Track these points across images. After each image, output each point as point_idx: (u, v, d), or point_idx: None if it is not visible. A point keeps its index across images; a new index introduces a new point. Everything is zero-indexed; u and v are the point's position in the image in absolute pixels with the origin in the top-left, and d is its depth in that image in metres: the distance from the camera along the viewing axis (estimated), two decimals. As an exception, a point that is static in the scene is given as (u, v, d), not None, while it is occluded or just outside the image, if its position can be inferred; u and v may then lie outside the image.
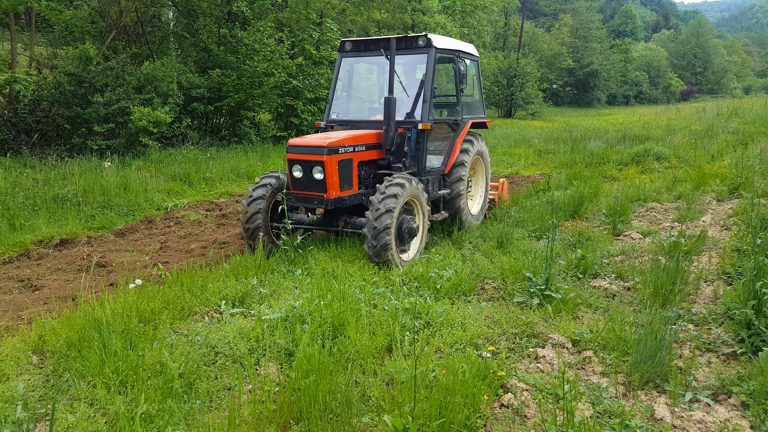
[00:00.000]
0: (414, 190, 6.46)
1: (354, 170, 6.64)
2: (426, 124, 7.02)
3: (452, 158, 7.81)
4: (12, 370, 3.94)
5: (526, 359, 4.24)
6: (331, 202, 6.33)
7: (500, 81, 41.17)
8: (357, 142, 6.68)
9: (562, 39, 58.99)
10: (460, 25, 27.49)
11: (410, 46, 7.29)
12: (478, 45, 34.50)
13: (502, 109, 43.08)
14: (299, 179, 6.47)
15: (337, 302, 4.74)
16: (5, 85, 11.32)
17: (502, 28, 53.27)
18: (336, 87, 7.96)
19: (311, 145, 6.30)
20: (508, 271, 5.89)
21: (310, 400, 3.39)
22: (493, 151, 19.39)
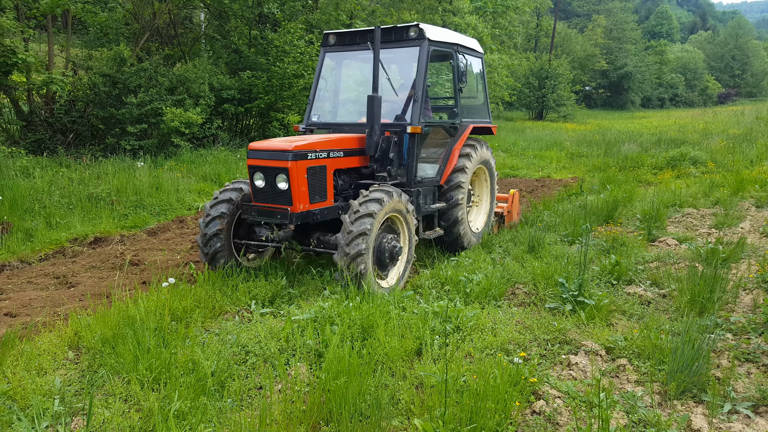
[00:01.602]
0: (396, 205, 5.62)
1: (328, 179, 5.73)
2: (416, 127, 6.10)
3: (449, 167, 6.86)
4: (49, 364, 4.04)
5: (558, 366, 4.16)
6: (297, 217, 5.38)
7: (531, 82, 40.77)
8: (333, 146, 5.82)
9: (595, 40, 58.04)
10: (492, 26, 27.28)
11: (400, 38, 6.36)
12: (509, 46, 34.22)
13: (533, 111, 42.64)
14: (261, 189, 5.54)
15: (366, 304, 4.74)
16: (42, 86, 11.67)
17: (533, 29, 52.68)
18: (318, 86, 7.05)
19: (274, 149, 5.41)
20: (539, 276, 5.80)
21: (339, 401, 3.38)
22: (523, 153, 19.20)
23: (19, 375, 3.76)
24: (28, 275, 6.58)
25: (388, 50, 6.49)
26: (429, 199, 6.72)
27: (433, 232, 6.79)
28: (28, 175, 9.85)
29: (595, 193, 10.91)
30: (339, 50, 6.93)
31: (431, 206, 6.70)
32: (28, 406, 3.46)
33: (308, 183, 5.46)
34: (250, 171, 5.54)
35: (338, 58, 7.14)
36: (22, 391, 3.58)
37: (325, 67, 7.08)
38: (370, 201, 5.34)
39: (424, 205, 6.53)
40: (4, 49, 10.55)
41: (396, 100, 6.60)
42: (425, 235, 6.60)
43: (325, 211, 5.70)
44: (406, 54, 6.57)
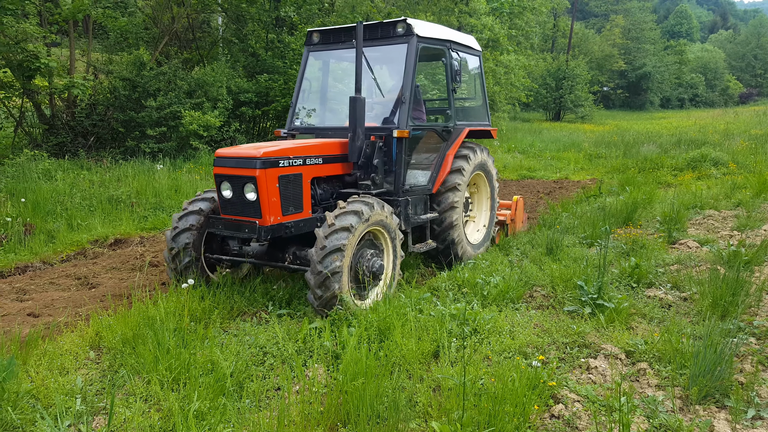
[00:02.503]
0: (378, 217, 5.09)
1: (304, 189, 5.26)
2: (403, 130, 5.66)
3: (442, 174, 6.35)
4: (71, 364, 4.10)
5: (578, 370, 4.12)
6: (267, 231, 4.87)
7: (548, 83, 40.50)
8: (310, 153, 5.35)
9: (613, 40, 57.46)
10: (508, 27, 27.13)
11: (387, 35, 5.90)
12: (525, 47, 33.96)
13: (550, 112, 42.35)
14: (229, 200, 5.08)
15: (382, 306, 4.74)
16: (64, 90, 11.87)
17: (550, 29, 52.34)
18: (301, 88, 6.60)
19: (242, 156, 4.96)
20: (558, 279, 5.75)
21: (357, 403, 3.39)
22: (541, 155, 19.08)
23: (42, 374, 3.82)
24: (51, 276, 6.69)
25: (375, 48, 6.08)
26: (419, 209, 6.19)
27: (423, 245, 6.25)
28: (50, 177, 10.02)
29: (614, 194, 10.80)
30: (324, 49, 6.50)
31: (421, 217, 6.15)
32: (50, 404, 3.51)
33: (280, 193, 4.97)
34: (216, 180, 5.09)
35: (323, 57, 6.68)
36: (45, 390, 3.64)
37: (309, 68, 6.64)
38: (347, 213, 4.83)
39: (413, 216, 6.02)
40: (28, 54, 10.76)
41: (385, 102, 6.23)
42: (415, 249, 6.09)
43: (300, 223, 5.19)
44: (394, 52, 6.05)
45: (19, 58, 10.76)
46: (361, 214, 4.87)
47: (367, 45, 5.90)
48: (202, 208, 5.45)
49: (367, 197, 5.17)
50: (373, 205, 5.03)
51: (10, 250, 7.29)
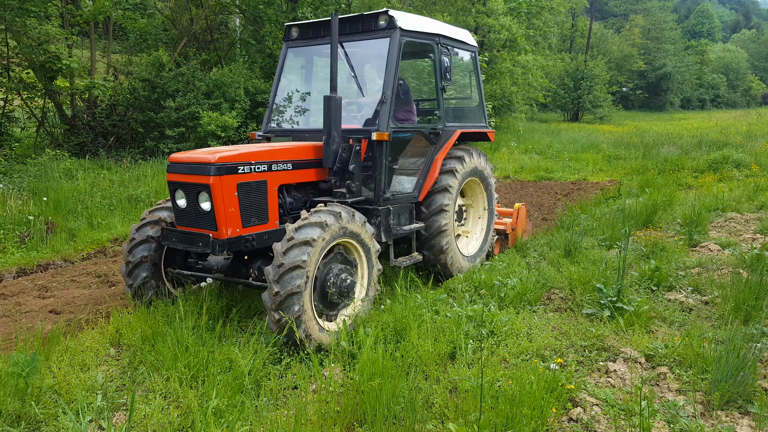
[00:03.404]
0: (347, 228, 4.58)
1: (270, 198, 4.79)
2: (382, 133, 5.18)
3: (429, 180, 5.86)
4: (92, 360, 4.17)
5: (596, 373, 4.08)
6: (223, 245, 4.41)
7: (567, 83, 40.19)
8: (277, 157, 4.88)
9: (632, 40, 56.82)
10: (526, 27, 26.96)
11: (369, 29, 5.46)
12: (543, 47, 33.75)
13: (568, 113, 42.03)
14: (183, 210, 4.63)
15: (398, 306, 4.73)
16: (85, 91, 12.06)
17: (569, 29, 51.89)
18: (279, 86, 6.15)
19: (195, 161, 4.50)
20: (576, 281, 5.69)
21: (374, 403, 3.39)
22: (559, 156, 18.92)
23: (63, 370, 3.89)
24: (72, 274, 6.79)
25: (357, 43, 5.65)
26: (403, 219, 5.69)
27: (407, 259, 5.74)
28: (71, 177, 10.18)
29: (633, 196, 10.68)
30: (303, 44, 6.01)
31: (405, 227, 5.65)
32: (72, 400, 3.57)
33: (240, 202, 4.51)
34: (170, 188, 4.66)
35: (303, 53, 6.19)
36: (66, 386, 3.70)
37: (287, 65, 6.18)
38: (309, 225, 4.32)
39: (395, 226, 5.52)
40: (50, 56, 10.94)
41: (369, 103, 5.81)
42: (397, 263, 5.58)
43: (264, 236, 4.72)
44: (376, 47, 5.59)
45: (42, 60, 10.95)
46: (326, 226, 4.35)
47: (348, 39, 5.56)
48: (161, 217, 5.03)
49: (336, 206, 4.66)
50: (340, 215, 4.52)
51: (33, 248, 7.42)
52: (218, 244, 4.41)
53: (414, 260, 5.80)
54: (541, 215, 10.30)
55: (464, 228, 6.84)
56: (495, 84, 24.40)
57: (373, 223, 5.28)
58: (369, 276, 4.93)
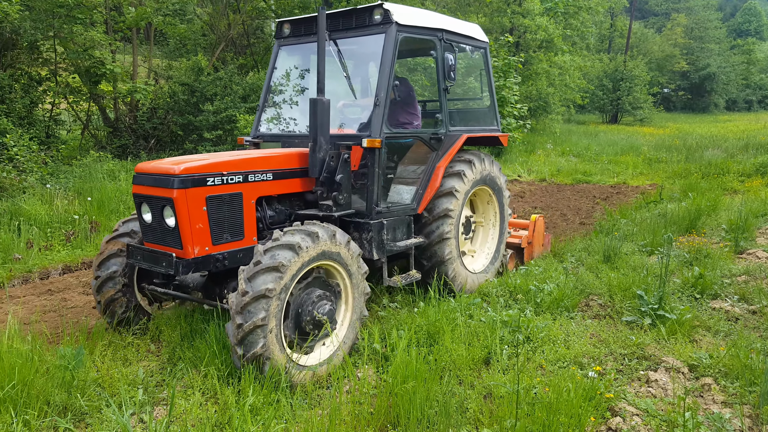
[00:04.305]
0: (326, 251, 4.03)
1: (246, 212, 4.32)
2: (374, 139, 4.69)
3: (430, 191, 5.35)
4: (133, 356, 4.29)
5: (636, 382, 3.98)
6: (188, 265, 3.97)
7: (605, 85, 39.38)
8: (254, 167, 4.39)
9: (674, 40, 55.25)
10: (563, 27, 26.52)
11: (363, 24, 5.01)
12: (581, 47, 33.12)
13: (606, 115, 41.19)
14: (149, 226, 4.20)
15: (431, 309, 4.71)
16: (127, 95, 12.43)
17: (607, 29, 50.84)
18: (270, 88, 5.75)
19: (159, 172, 4.05)
20: (616, 288, 5.56)
21: (407, 405, 3.38)
22: (597, 158, 18.55)
23: (107, 364, 4.01)
24: (115, 271, 6.98)
25: (351, 39, 5.19)
26: (400, 233, 5.15)
27: (404, 278, 5.17)
28: (114, 178, 10.49)
29: (675, 201, 10.38)
30: (296, 42, 5.59)
31: (400, 243, 5.11)
32: (115, 393, 3.68)
33: (209, 218, 4.06)
34: (135, 202, 4.27)
35: (296, 51, 5.75)
36: (109, 380, 3.82)
37: (279, 64, 5.75)
38: (280, 248, 3.81)
39: (390, 242, 4.98)
40: (95, 61, 11.32)
41: (365, 105, 5.32)
42: (391, 282, 5.03)
43: (238, 254, 4.25)
44: (371, 43, 5.14)
45: (87, 65, 11.34)
46: (299, 248, 3.80)
47: (341, 36, 5.12)
48: (135, 230, 4.58)
49: (314, 224, 4.12)
50: (318, 235, 3.98)
51: (77, 246, 7.67)
52: (182, 264, 3.94)
53: (411, 279, 5.22)
54: (578, 219, 10.11)
55: (472, 242, 6.25)
56: (531, 85, 24.08)
57: (364, 238, 4.81)
58: (354, 302, 4.37)
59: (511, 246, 6.74)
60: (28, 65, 11.51)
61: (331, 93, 5.10)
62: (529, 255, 6.91)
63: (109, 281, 4.55)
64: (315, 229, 4.03)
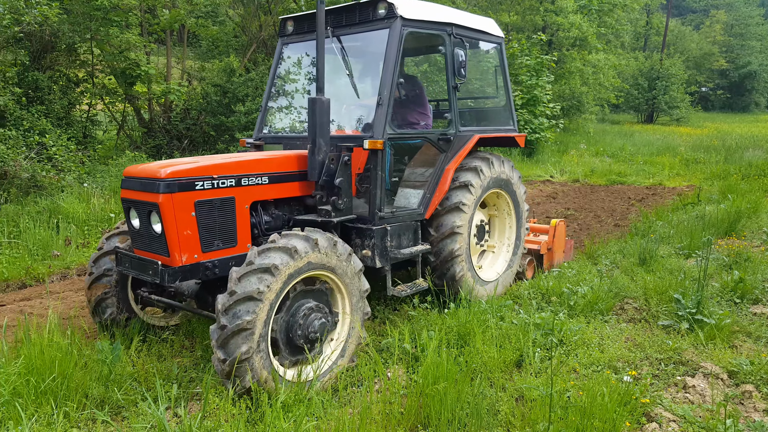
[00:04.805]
0: (324, 261, 3.80)
1: (239, 217, 4.11)
2: (375, 140, 4.45)
3: (438, 195, 5.05)
4: (167, 351, 4.38)
5: (673, 388, 3.88)
6: (175, 274, 3.77)
7: (640, 83, 38.55)
8: (248, 170, 4.18)
9: (713, 37, 53.75)
10: (597, 24, 26.04)
11: (367, 19, 4.76)
12: (616, 45, 32.51)
13: (642, 114, 40.34)
14: (137, 232, 4.03)
15: (462, 311, 4.68)
16: (161, 96, 12.69)
17: (643, 27, 49.75)
18: (273, 88, 5.55)
19: (145, 176, 3.88)
20: (651, 291, 5.44)
21: (438, 406, 3.37)
22: (632, 159, 18.17)
23: (142, 359, 4.10)
24: (150, 268, 7.14)
25: (355, 36, 4.96)
26: (405, 240, 4.90)
27: (409, 287, 4.90)
28: (150, 176, 10.71)
29: (714, 203, 10.09)
30: (300, 40, 5.38)
31: (405, 250, 4.84)
32: (150, 388, 3.75)
33: (199, 223, 3.86)
34: (123, 207, 4.10)
35: (300, 49, 5.53)
36: (145, 374, 3.91)
37: (283, 63, 5.57)
38: (275, 250, 3.60)
39: (394, 249, 4.74)
40: (130, 63, 11.59)
41: (371, 105, 4.95)
42: (395, 292, 4.75)
43: (230, 261, 3.99)
44: (376, 40, 4.85)
45: (123, 66, 11.62)
46: (295, 253, 3.58)
47: (345, 32, 4.91)
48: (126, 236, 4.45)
49: (315, 231, 3.89)
50: (317, 243, 3.74)
51: (115, 243, 7.86)
52: (168, 273, 3.73)
53: (417, 288, 4.92)
54: (613, 221, 9.93)
55: (488, 247, 5.94)
56: (564, 84, 23.74)
57: (367, 245, 4.56)
58: (351, 321, 4.07)
59: (530, 252, 6.45)
60: (66, 67, 11.85)
61: (338, 92, 5.05)
62: (548, 262, 6.56)
63: (101, 279, 4.41)
64: (316, 235, 3.81)
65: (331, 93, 4.50)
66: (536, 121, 17.90)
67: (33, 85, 10.59)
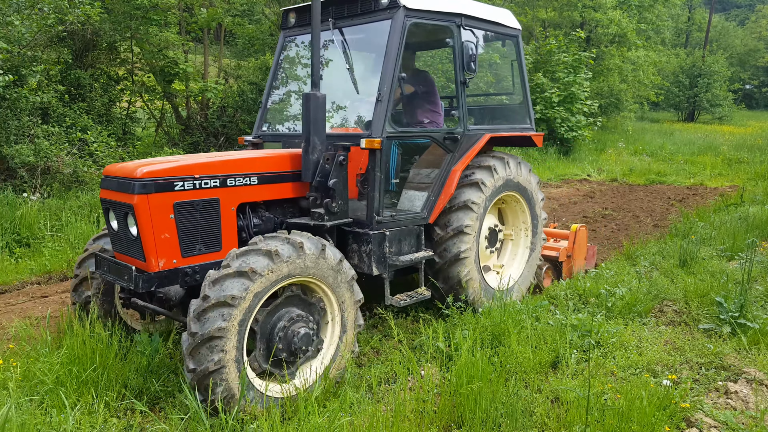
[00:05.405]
0: (310, 267, 3.53)
1: (224, 220, 3.86)
2: (373, 139, 4.14)
3: (443, 198, 4.73)
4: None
5: (714, 393, 3.77)
6: (150, 280, 3.55)
7: (681, 81, 37.49)
8: (234, 170, 3.94)
9: (759, 33, 51.88)
10: (637, 21, 25.39)
11: (369, 9, 4.48)
12: (656, 41, 31.61)
13: (683, 112, 39.25)
14: (116, 234, 3.85)
15: (497, 311, 4.63)
16: (198, 94, 12.92)
17: (684, 23, 48.37)
18: (274, 82, 5.30)
19: (121, 175, 3.67)
20: (692, 294, 5.29)
21: (472, 406, 3.34)
22: (672, 158, 17.71)
23: (180, 351, 4.17)
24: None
25: (357, 27, 4.69)
26: (406, 246, 4.56)
27: (409, 296, 4.57)
28: (187, 173, 10.92)
29: (758, 203, 9.75)
30: (303, 32, 5.09)
31: (405, 257, 4.49)
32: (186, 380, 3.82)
33: (178, 226, 3.64)
34: (103, 208, 3.93)
35: (302, 42, 5.26)
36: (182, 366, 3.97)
37: (285, 57, 5.32)
38: (255, 253, 3.37)
39: (393, 255, 4.40)
40: (168, 61, 11.84)
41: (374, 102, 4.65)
42: (393, 301, 4.43)
43: (213, 267, 3.58)
44: (378, 31, 4.53)
45: (161, 65, 11.87)
46: (277, 257, 3.34)
47: (347, 24, 4.67)
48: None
49: (301, 235, 3.64)
50: (302, 246, 3.47)
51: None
52: (142, 279, 3.51)
53: (418, 297, 4.58)
54: (652, 221, 9.70)
55: (498, 256, 5.54)
56: (602, 81, 23.25)
57: (363, 251, 4.27)
58: (342, 335, 3.78)
59: (548, 259, 6.03)
60: (107, 65, 12.17)
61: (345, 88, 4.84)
62: (568, 270, 6.13)
63: (86, 281, 4.25)
64: (300, 239, 3.54)
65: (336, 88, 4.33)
66: (573, 119, 17.59)
67: (75, 82, 10.91)
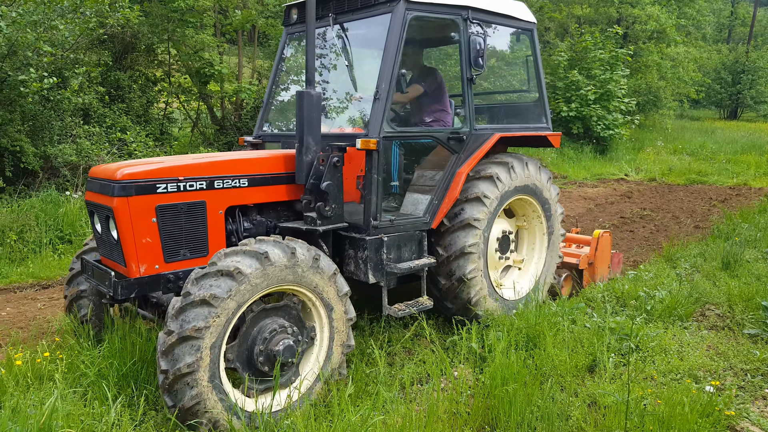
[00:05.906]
0: (301, 276, 3.36)
1: (211, 223, 3.70)
2: (368, 140, 3.93)
3: (447, 202, 4.45)
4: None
5: (761, 401, 3.64)
6: (129, 286, 3.41)
7: (723, 78, 36.30)
8: (223, 171, 3.77)
9: (807, 27, 49.85)
10: (676, 16, 24.68)
11: (368, 3, 4.28)
12: (696, 37, 30.68)
13: (725, 110, 38.02)
14: (100, 238, 3.76)
15: (531, 313, 4.55)
16: (233, 94, 13.12)
17: (727, 17, 46.82)
18: (276, 80, 5.13)
19: (103, 177, 3.55)
20: (736, 297, 5.11)
21: (507, 408, 3.30)
22: (713, 157, 17.17)
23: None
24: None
25: (358, 22, 4.47)
26: (406, 252, 4.30)
27: (408, 305, 4.25)
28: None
29: (806, 204, 9.38)
30: (304, 29, 4.82)
31: (404, 264, 4.22)
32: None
33: (161, 231, 3.49)
34: (88, 210, 3.83)
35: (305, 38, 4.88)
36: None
37: (287, 54, 5.16)
38: (243, 254, 3.23)
39: (391, 262, 4.14)
40: (204, 62, 12.06)
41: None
42: (391, 311, 4.15)
43: None
44: (379, 26, 4.28)
45: (197, 66, 12.11)
46: (265, 261, 3.18)
47: (348, 19, 4.47)
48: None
49: (294, 241, 3.46)
50: (294, 252, 3.32)
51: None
52: (122, 285, 3.37)
53: (419, 307, 4.27)
54: (693, 222, 9.42)
55: (515, 262, 5.24)
56: (640, 78, 22.66)
57: (359, 257, 4.05)
58: (329, 337, 3.57)
59: (568, 266, 5.72)
60: (145, 67, 12.48)
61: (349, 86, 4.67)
62: (590, 278, 5.83)
63: (78, 300, 4.19)
64: (294, 245, 3.37)
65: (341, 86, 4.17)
66: (610, 117, 17.21)
67: (115, 84, 11.22)
